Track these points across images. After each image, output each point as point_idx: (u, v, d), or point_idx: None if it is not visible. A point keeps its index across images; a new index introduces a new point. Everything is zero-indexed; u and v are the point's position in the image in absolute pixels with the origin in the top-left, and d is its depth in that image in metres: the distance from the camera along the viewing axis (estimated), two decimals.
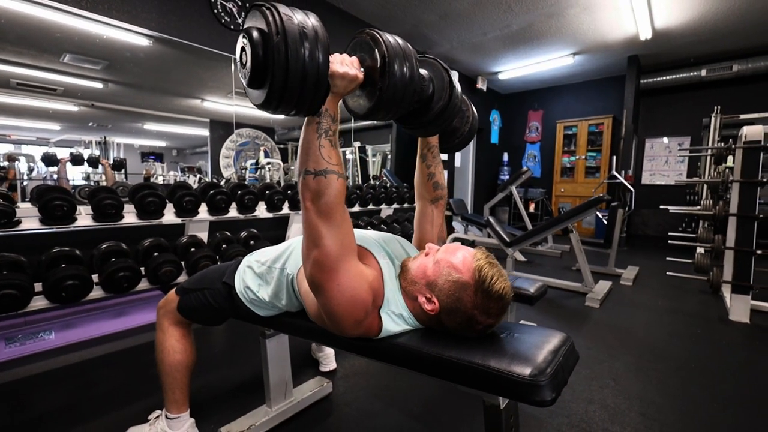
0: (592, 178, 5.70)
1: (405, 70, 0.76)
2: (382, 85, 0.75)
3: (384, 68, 0.74)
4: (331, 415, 1.35)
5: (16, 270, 1.70)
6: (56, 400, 1.43)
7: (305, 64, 0.64)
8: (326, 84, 0.69)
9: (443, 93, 0.92)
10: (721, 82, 4.83)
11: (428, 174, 1.08)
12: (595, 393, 1.51)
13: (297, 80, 0.64)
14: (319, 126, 0.74)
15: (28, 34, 2.14)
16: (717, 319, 2.38)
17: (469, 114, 1.10)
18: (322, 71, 0.66)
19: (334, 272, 0.73)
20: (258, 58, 0.64)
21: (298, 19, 0.65)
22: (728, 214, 2.49)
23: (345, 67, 0.74)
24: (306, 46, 0.63)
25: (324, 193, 0.73)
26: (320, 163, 0.73)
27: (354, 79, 0.75)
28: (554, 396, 0.60)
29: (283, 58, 0.62)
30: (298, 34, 0.63)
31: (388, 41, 0.76)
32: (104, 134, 2.66)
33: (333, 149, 0.75)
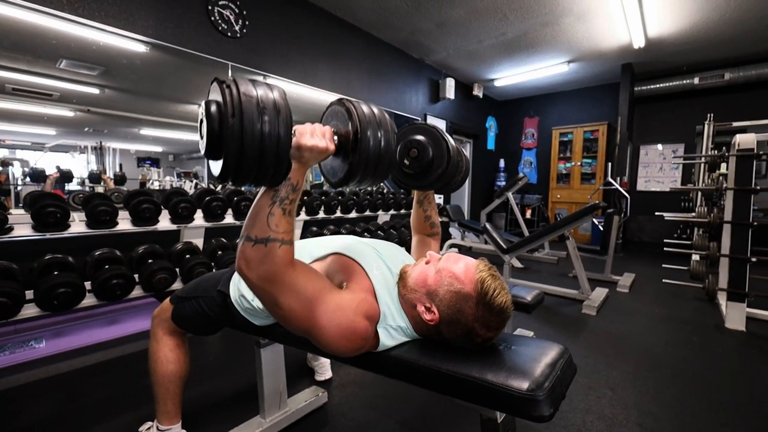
0: (587, 185, 5.74)
1: (379, 139, 0.74)
2: (353, 160, 0.73)
3: (356, 144, 0.72)
4: (327, 425, 1.34)
5: (7, 278, 1.67)
6: (46, 410, 1.40)
7: (263, 143, 0.61)
8: (287, 162, 0.67)
9: (442, 160, 1.00)
10: (714, 90, 4.89)
11: (425, 216, 1.19)
12: (593, 403, 1.50)
13: (253, 159, 0.62)
14: (276, 194, 0.71)
15: (24, 40, 2.13)
16: (713, 326, 2.38)
17: (462, 163, 1.15)
18: (283, 150, 0.64)
19: (310, 320, 0.72)
20: (213, 132, 0.62)
21: (258, 95, 0.63)
22: (723, 221, 2.50)
23: (314, 139, 0.71)
24: (265, 121, 0.61)
25: (262, 262, 0.70)
26: (264, 231, 0.70)
27: (324, 151, 0.72)
28: (552, 411, 0.59)
29: (237, 138, 0.60)
30: (257, 113, 0.61)
31: (362, 113, 0.73)
32: (100, 139, 2.64)
33: (283, 218, 0.71)
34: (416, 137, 1.03)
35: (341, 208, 3.11)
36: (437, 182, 1.03)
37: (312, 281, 0.75)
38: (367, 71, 4.01)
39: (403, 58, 4.49)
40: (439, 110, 5.18)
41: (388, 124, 0.77)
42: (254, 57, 2.96)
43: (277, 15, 3.10)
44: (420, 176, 1.03)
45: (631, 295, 3.09)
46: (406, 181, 1.07)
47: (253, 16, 2.91)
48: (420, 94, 4.82)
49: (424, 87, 4.88)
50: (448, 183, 1.09)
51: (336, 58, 3.65)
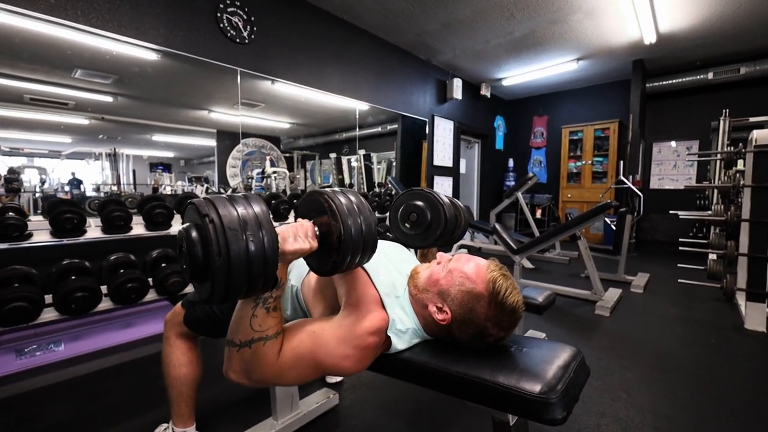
0: (599, 183, 5.65)
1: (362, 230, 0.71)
2: (336, 258, 0.71)
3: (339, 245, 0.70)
4: (338, 427, 1.34)
5: (27, 282, 1.72)
6: (65, 412, 1.43)
7: (251, 269, 0.59)
8: (273, 277, 0.64)
9: (439, 223, 1.08)
10: (729, 84, 4.77)
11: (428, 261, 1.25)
12: (607, 406, 1.47)
13: (242, 284, 0.60)
14: (258, 297, 0.69)
15: (41, 52, 2.19)
16: (732, 327, 2.32)
17: (460, 219, 1.21)
18: (270, 269, 0.62)
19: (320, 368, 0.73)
20: (197, 260, 0.59)
21: (240, 216, 0.60)
22: (740, 219, 2.44)
23: (297, 243, 0.69)
24: (251, 243, 0.58)
25: (250, 365, 0.69)
26: (248, 334, 0.68)
27: (308, 251, 0.70)
28: (565, 414, 0.58)
29: (224, 274, 0.57)
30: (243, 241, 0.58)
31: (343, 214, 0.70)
32: (114, 146, 2.70)
33: (267, 316, 0.70)
34: (415, 203, 1.13)
35: None
36: (438, 241, 1.12)
37: (302, 342, 0.73)
38: (374, 73, 4.02)
39: (409, 60, 4.49)
40: (447, 111, 5.16)
41: (367, 211, 0.75)
42: (262, 62, 3.00)
43: (285, 20, 3.13)
44: (421, 237, 1.13)
45: (645, 295, 3.03)
46: (409, 241, 1.16)
47: (260, 21, 2.94)
48: (427, 95, 4.81)
49: (432, 88, 4.87)
50: (448, 239, 1.17)
51: (343, 61, 3.67)
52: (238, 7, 2.80)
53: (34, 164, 2.42)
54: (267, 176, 3.43)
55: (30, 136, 2.36)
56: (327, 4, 3.38)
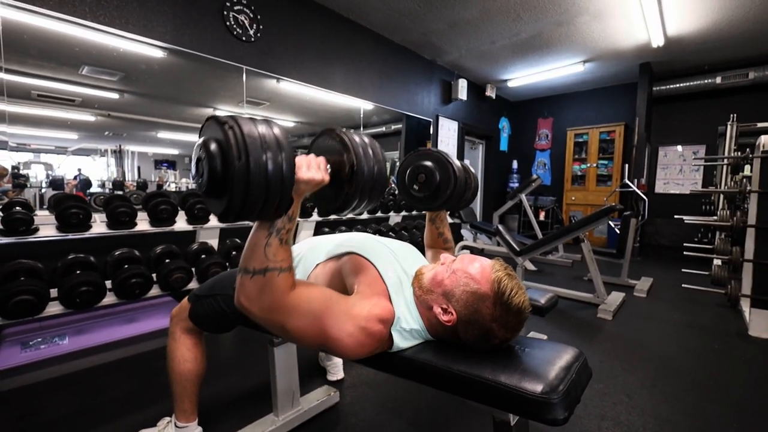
0: (603, 186, 5.62)
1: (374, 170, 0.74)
2: (349, 191, 0.73)
3: (352, 174, 0.72)
4: (338, 425, 1.34)
5: (33, 276, 1.74)
6: (68, 405, 1.44)
7: (268, 183, 0.60)
8: (289, 197, 0.65)
9: (449, 183, 1.04)
10: (737, 89, 4.73)
11: (438, 233, 1.24)
12: (608, 409, 1.47)
13: (259, 198, 0.61)
14: (272, 225, 0.70)
15: (49, 48, 2.21)
16: (736, 334, 2.31)
17: (471, 181, 1.18)
18: (287, 187, 0.63)
19: (323, 333, 0.72)
20: (216, 172, 0.60)
21: (261, 134, 0.61)
22: (746, 225, 2.42)
23: (311, 172, 0.70)
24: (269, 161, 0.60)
25: (262, 293, 0.70)
26: (262, 262, 0.70)
27: (320, 183, 0.72)
28: (567, 415, 0.58)
29: (244, 180, 0.58)
30: (262, 153, 0.59)
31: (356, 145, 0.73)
32: (119, 143, 2.72)
33: (281, 247, 0.71)
34: (423, 163, 1.08)
35: None
36: (447, 203, 1.09)
37: (316, 298, 0.75)
38: (378, 73, 4.03)
39: (414, 60, 4.49)
40: (452, 111, 5.16)
41: (379, 152, 0.77)
42: (268, 60, 3.01)
43: (290, 19, 3.14)
44: (430, 199, 1.08)
45: (648, 300, 3.01)
46: (418, 204, 1.13)
47: (266, 20, 2.96)
48: (432, 95, 4.81)
49: (436, 88, 4.87)
50: (457, 202, 1.14)
51: (348, 60, 3.68)
52: (245, 5, 2.81)
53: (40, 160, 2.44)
54: None
55: (36, 132, 2.38)
56: (332, 3, 3.39)
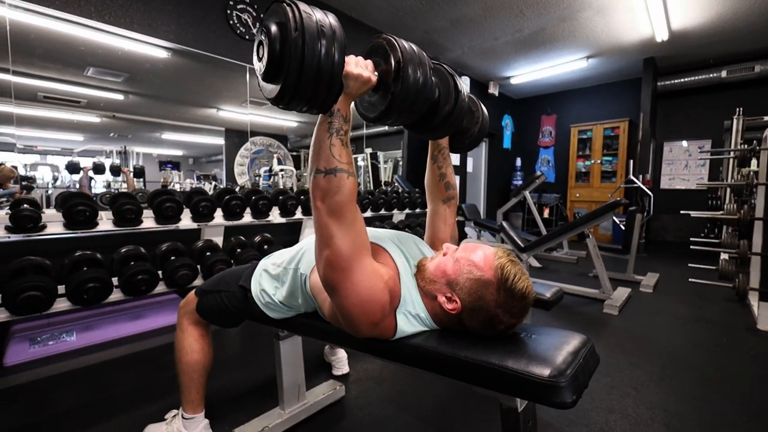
0: (608, 183, 5.59)
1: (418, 76, 0.76)
2: (395, 90, 0.75)
3: (398, 73, 0.75)
4: (344, 419, 1.35)
5: (40, 273, 1.76)
6: (77, 399, 1.46)
7: (320, 61, 0.64)
8: (339, 83, 0.69)
9: (449, 97, 0.94)
10: (743, 83, 4.68)
11: (440, 174, 1.10)
12: (616, 402, 1.46)
13: (311, 76, 0.64)
14: (331, 125, 0.74)
15: (54, 49, 2.23)
16: (744, 328, 2.28)
17: (478, 114, 1.09)
18: (337, 70, 0.67)
19: (347, 272, 0.72)
20: (275, 52, 0.65)
21: (317, 17, 0.65)
22: (754, 218, 2.40)
23: (359, 68, 0.74)
24: (323, 43, 0.64)
25: (335, 192, 0.72)
26: (330, 161, 0.73)
27: (367, 82, 0.75)
28: (575, 398, 0.58)
29: (299, 54, 0.62)
30: (316, 31, 0.63)
31: (403, 47, 0.76)
32: (124, 144, 2.75)
33: (344, 148, 0.75)
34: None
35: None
36: (445, 123, 0.96)
37: (363, 234, 0.77)
38: None
39: None
40: None
41: (426, 62, 0.79)
42: None
43: None
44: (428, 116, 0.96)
45: (655, 295, 2.99)
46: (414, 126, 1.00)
47: None
48: None
49: None
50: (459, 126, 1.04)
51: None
52: (248, 4, 2.83)
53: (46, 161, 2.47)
54: (274, 174, 3.46)
55: (43, 133, 2.41)
56: (335, 1, 3.40)
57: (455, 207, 1.13)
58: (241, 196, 2.43)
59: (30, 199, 1.86)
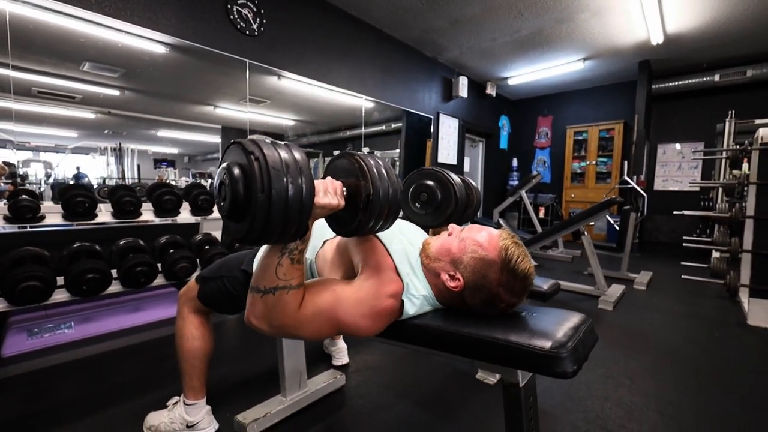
0: (602, 184, 5.65)
1: (389, 195, 0.74)
2: (363, 218, 0.73)
3: (368, 203, 0.72)
4: (345, 406, 1.36)
5: (39, 263, 1.75)
6: (78, 389, 1.46)
7: (288, 211, 0.61)
8: (307, 223, 0.66)
9: (450, 201, 1.10)
10: (735, 87, 4.77)
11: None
12: (611, 391, 1.49)
13: (278, 225, 0.61)
14: (285, 247, 0.71)
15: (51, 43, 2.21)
16: (735, 323, 2.33)
17: (473, 197, 1.22)
18: (305, 215, 0.64)
19: (337, 326, 0.75)
20: (238, 198, 0.61)
21: (283, 159, 0.61)
22: (745, 216, 2.45)
23: (327, 197, 0.71)
24: (290, 188, 0.60)
25: (272, 312, 0.71)
26: (272, 281, 0.71)
27: (335, 208, 0.73)
28: (575, 368, 0.60)
29: (265, 212, 0.59)
30: (284, 183, 0.60)
31: (373, 175, 0.73)
32: (119, 141, 2.72)
33: (293, 267, 0.72)
34: (425, 182, 1.14)
35: None
36: (450, 220, 1.11)
37: (324, 299, 0.75)
38: (380, 69, 4.05)
39: (416, 57, 4.52)
40: (452, 109, 5.19)
41: (394, 176, 0.77)
42: (271, 54, 3.03)
43: (294, 14, 3.17)
44: (432, 216, 1.14)
45: (648, 292, 3.03)
46: (421, 221, 1.16)
47: (270, 14, 2.98)
48: (433, 93, 4.84)
49: (437, 85, 4.90)
50: (459, 218, 1.17)
51: (350, 56, 3.70)
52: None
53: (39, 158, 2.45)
54: None
55: (36, 129, 2.37)
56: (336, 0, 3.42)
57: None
58: None
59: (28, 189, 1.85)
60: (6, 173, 2.18)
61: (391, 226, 0.81)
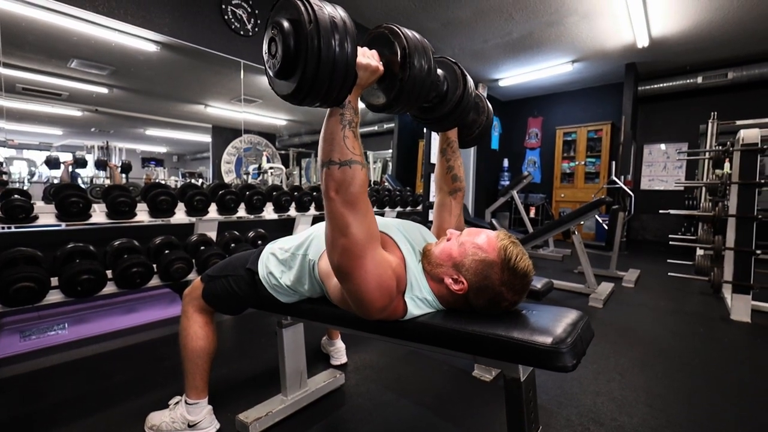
0: (591, 184, 5.78)
1: (423, 63, 0.77)
2: (403, 76, 0.76)
3: (405, 60, 0.75)
4: (345, 404, 1.38)
5: (33, 264, 1.72)
6: (73, 390, 1.44)
7: (336, 55, 0.64)
8: (354, 74, 0.69)
9: (457, 85, 0.98)
10: (717, 89, 4.93)
11: (448, 167, 1.14)
12: (603, 386, 1.54)
13: (327, 70, 0.64)
14: (343, 117, 0.74)
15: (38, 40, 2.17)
16: (719, 318, 2.42)
17: (483, 105, 1.14)
18: (351, 62, 0.67)
19: (361, 259, 0.74)
20: (289, 48, 0.64)
21: (328, 11, 0.65)
22: (728, 215, 2.54)
23: (367, 58, 0.74)
24: (336, 36, 0.64)
25: (350, 183, 0.73)
26: (345, 153, 0.73)
27: (375, 71, 0.76)
28: (575, 362, 0.63)
29: (315, 48, 0.62)
30: (329, 25, 0.63)
31: (407, 34, 0.77)
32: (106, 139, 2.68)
33: (356, 140, 0.76)
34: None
35: None
36: (455, 111, 1.00)
37: (374, 223, 0.79)
38: None
39: None
40: None
41: (428, 47, 0.80)
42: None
43: None
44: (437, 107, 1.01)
45: (636, 289, 3.12)
46: (423, 115, 1.04)
47: (264, 15, 2.97)
48: None
49: None
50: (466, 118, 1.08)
51: None
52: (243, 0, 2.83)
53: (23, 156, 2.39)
54: (264, 172, 3.45)
55: (20, 127, 2.31)
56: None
57: (461, 199, 1.16)
58: (235, 191, 2.43)
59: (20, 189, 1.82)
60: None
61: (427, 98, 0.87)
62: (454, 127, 1.10)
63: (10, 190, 1.77)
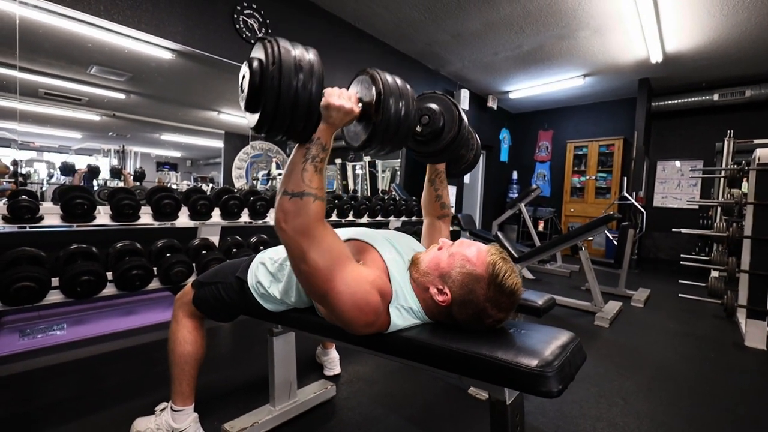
0: (602, 199, 5.67)
1: (400, 107, 0.80)
2: (376, 120, 0.79)
3: (378, 105, 0.78)
4: (334, 417, 1.35)
5: (35, 264, 1.75)
6: (67, 391, 1.45)
7: (297, 94, 0.68)
8: (317, 114, 0.74)
9: (453, 125, 1.03)
10: (734, 106, 4.81)
11: (436, 196, 1.20)
12: (604, 411, 1.47)
13: (287, 107, 0.69)
14: (308, 152, 0.77)
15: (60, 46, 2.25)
16: (732, 344, 2.31)
17: (473, 142, 1.18)
18: (314, 102, 0.71)
19: (330, 282, 0.74)
20: (254, 84, 0.69)
21: (296, 53, 0.70)
22: (743, 236, 2.45)
23: (341, 100, 0.77)
24: (300, 77, 0.68)
25: (298, 215, 0.74)
26: (299, 185, 0.75)
27: (349, 113, 0.78)
28: (560, 388, 0.60)
29: (276, 87, 0.67)
30: (293, 66, 0.68)
31: (385, 80, 0.81)
32: (123, 143, 2.75)
33: (316, 174, 0.77)
34: (429, 105, 1.06)
35: (353, 212, 3.16)
36: (447, 149, 1.04)
37: (338, 245, 0.79)
38: None
39: (418, 69, 4.58)
40: None
41: (409, 94, 0.83)
42: None
43: (299, 24, 3.22)
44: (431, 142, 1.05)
45: (645, 310, 3.02)
46: (418, 148, 1.08)
47: (275, 25, 3.03)
48: None
49: None
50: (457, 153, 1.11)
51: (353, 67, 3.75)
52: (255, 9, 2.89)
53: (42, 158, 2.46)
54: (273, 178, 3.48)
55: (41, 130, 2.39)
56: (340, 11, 3.47)
57: (449, 222, 1.24)
58: (239, 196, 2.45)
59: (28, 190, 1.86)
60: (9, 173, 2.19)
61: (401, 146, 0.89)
62: (445, 161, 1.15)
63: (18, 191, 1.81)
